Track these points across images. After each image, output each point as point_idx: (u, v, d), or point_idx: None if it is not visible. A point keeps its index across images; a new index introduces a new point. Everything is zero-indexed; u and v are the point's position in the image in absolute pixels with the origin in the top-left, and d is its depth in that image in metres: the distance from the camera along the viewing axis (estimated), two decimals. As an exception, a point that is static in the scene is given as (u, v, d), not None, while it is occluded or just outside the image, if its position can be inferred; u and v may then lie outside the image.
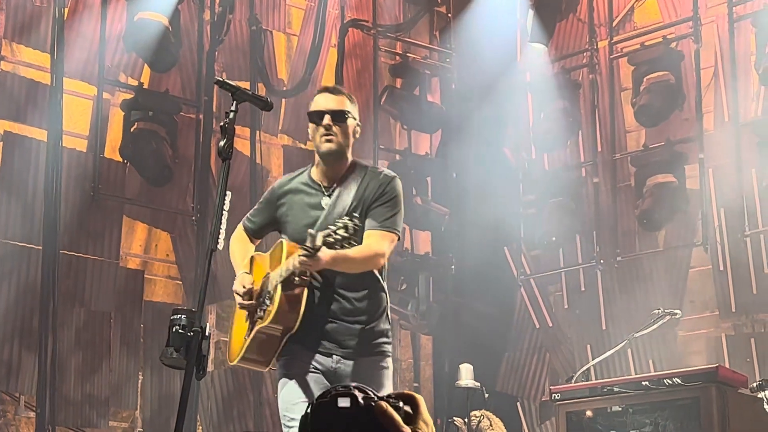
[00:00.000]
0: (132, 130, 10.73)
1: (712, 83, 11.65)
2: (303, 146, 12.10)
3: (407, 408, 2.05)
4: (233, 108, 4.76)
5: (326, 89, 5.39)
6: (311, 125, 5.31)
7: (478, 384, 10.58)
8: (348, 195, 5.18)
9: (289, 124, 12.13)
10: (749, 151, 11.12)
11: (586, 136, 12.35)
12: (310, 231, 4.73)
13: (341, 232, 4.66)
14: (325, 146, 5.20)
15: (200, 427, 10.80)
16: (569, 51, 12.70)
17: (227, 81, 4.93)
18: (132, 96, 10.86)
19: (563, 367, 11.94)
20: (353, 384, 2.03)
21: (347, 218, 4.76)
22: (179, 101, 11.16)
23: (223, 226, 4.41)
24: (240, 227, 5.59)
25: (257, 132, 11.62)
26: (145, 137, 10.69)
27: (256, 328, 5.12)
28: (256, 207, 5.60)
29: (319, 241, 4.66)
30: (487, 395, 10.44)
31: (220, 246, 4.45)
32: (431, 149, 12.92)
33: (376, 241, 5.11)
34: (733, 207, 11.19)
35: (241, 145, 11.44)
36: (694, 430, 7.21)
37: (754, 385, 8.01)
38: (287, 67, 12.36)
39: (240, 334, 5.30)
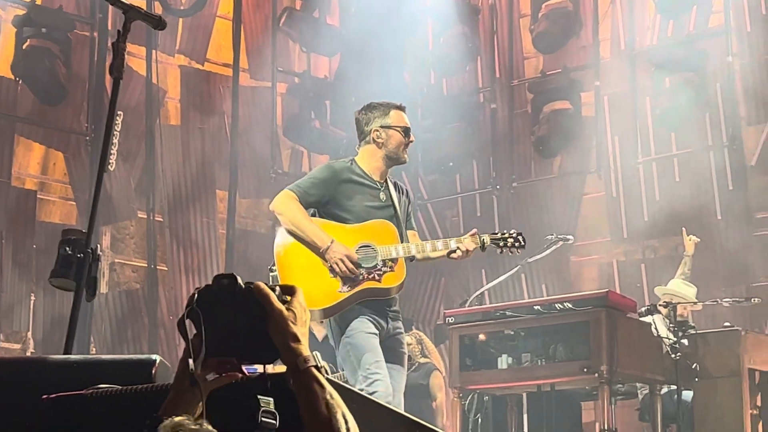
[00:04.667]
0: (24, 47, 10.51)
1: (609, 11, 11.73)
2: (200, 67, 11.94)
3: (286, 296, 2.26)
4: (125, 26, 4.65)
5: (403, 108, 6.31)
6: (398, 135, 6.15)
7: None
8: (394, 196, 6.17)
9: (186, 44, 11.95)
10: (644, 79, 11.25)
11: (485, 62, 12.38)
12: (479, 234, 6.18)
13: (511, 240, 6.30)
14: (405, 157, 6.23)
15: (94, 349, 10.71)
16: (469, -24, 12.66)
17: (120, -2, 4.83)
18: (24, 12, 10.61)
19: (458, 292, 12.05)
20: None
21: (515, 233, 6.37)
22: (73, 18, 10.93)
23: (115, 146, 4.33)
24: (294, 196, 5.97)
25: (153, 51, 11.42)
26: (38, 54, 10.48)
27: (371, 286, 5.98)
28: (310, 181, 6.04)
29: (487, 241, 6.19)
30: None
31: (111, 167, 4.38)
32: (330, 72, 12.84)
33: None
34: (627, 134, 11.34)
35: (137, 65, 11.26)
36: (583, 353, 7.34)
37: (643, 309, 8.21)
38: (184, -14, 12.15)
39: (330, 285, 5.93)
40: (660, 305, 8.51)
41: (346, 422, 2.16)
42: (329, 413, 2.14)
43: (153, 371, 2.48)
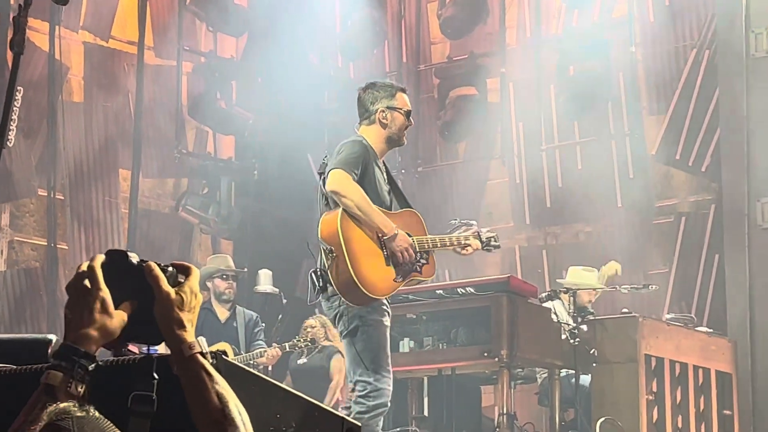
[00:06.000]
0: None
1: (516, -2, 11.83)
2: (105, 44, 11.78)
3: (181, 277, 2.21)
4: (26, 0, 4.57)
5: (405, 91, 6.34)
6: (402, 118, 6.16)
7: (276, 290, 10.62)
8: (388, 178, 6.23)
9: (90, 21, 11.76)
10: (549, 67, 11.36)
11: (392, 46, 12.40)
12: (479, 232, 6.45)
13: (492, 242, 6.54)
14: (404, 140, 6.30)
15: (-9, 328, 10.55)
16: (378, -41, 12.65)
17: (20, -28, 4.74)
18: None
19: (362, 275, 12.05)
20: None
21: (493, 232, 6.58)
22: (-27, -8, 10.70)
23: (14, 122, 4.26)
24: (349, 176, 5.91)
25: (57, 27, 11.23)
26: (-64, 28, 10.25)
27: (414, 278, 6.19)
28: (354, 159, 5.96)
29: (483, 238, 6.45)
30: (285, 301, 10.49)
31: (10, 143, 4.30)
32: (237, 52, 12.75)
33: None
34: (531, 122, 11.44)
35: (40, 40, 11.06)
36: (484, 338, 7.42)
37: (543, 295, 8.30)
38: (89, -39, 11.96)
39: (386, 273, 5.99)
40: (561, 291, 8.62)
41: (240, 412, 2.11)
42: (221, 403, 2.10)
43: (49, 351, 2.44)
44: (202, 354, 2.15)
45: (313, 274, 5.98)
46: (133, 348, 2.23)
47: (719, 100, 10.13)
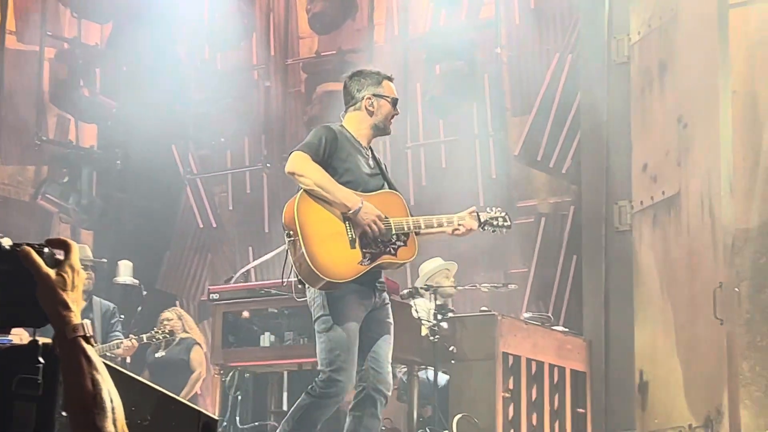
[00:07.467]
0: None
1: (385, -5, 11.88)
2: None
3: (59, 255, 2.16)
4: None
5: (392, 80, 6.33)
6: (388, 106, 6.18)
7: (136, 281, 10.50)
8: (381, 164, 6.22)
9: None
10: (416, 65, 11.44)
11: (260, 39, 12.34)
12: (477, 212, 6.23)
13: (501, 220, 6.36)
14: (390, 128, 6.28)
15: None
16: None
17: None
18: None
19: (224, 268, 12.00)
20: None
21: (504, 212, 6.41)
22: None
23: None
24: (307, 156, 5.88)
25: None
26: None
27: (388, 260, 5.97)
28: (317, 141, 5.94)
29: (483, 219, 6.27)
30: (145, 293, 10.38)
31: None
32: (102, 40, 12.56)
33: None
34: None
35: None
36: (345, 333, 7.42)
37: (405, 292, 8.36)
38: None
39: (350, 256, 5.84)
40: (421, 288, 8.68)
41: (112, 400, 2.10)
42: (95, 389, 2.07)
43: None
44: (86, 338, 2.12)
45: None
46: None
47: (580, 103, 10.31)
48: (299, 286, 6.06)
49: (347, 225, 5.87)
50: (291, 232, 5.80)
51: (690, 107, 8.46)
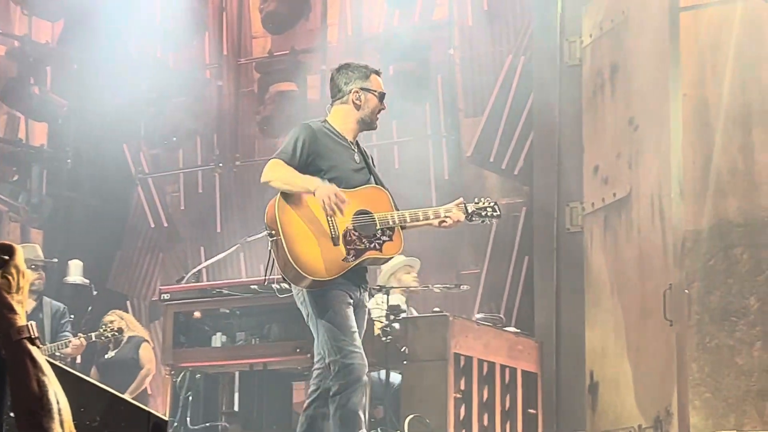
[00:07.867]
0: None
1: (338, -5, 11.87)
2: None
3: (4, 256, 2.16)
4: None
5: (380, 74, 6.34)
6: (375, 100, 6.15)
7: (87, 281, 10.44)
8: (367, 158, 6.16)
9: None
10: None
11: (213, 38, 12.30)
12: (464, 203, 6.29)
13: (490, 210, 6.38)
14: (377, 123, 6.21)
15: None
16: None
17: None
18: None
19: (176, 268, 11.95)
20: None
21: (493, 202, 6.42)
22: None
23: None
24: (279, 161, 5.88)
25: None
26: None
27: (373, 255, 5.95)
28: (293, 143, 5.92)
29: (470, 210, 6.27)
30: (95, 292, 10.32)
31: None
32: (53, 38, 12.47)
33: None
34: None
35: None
36: (297, 334, 7.42)
37: (360, 292, 8.34)
38: None
39: (333, 253, 5.83)
40: (374, 288, 8.68)
41: (58, 402, 2.09)
42: (41, 391, 2.07)
43: None
44: (31, 339, 2.11)
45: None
46: None
47: (533, 105, 10.36)
48: (284, 284, 6.12)
49: (329, 222, 5.88)
50: (273, 232, 5.83)
51: (641, 110, 8.51)
